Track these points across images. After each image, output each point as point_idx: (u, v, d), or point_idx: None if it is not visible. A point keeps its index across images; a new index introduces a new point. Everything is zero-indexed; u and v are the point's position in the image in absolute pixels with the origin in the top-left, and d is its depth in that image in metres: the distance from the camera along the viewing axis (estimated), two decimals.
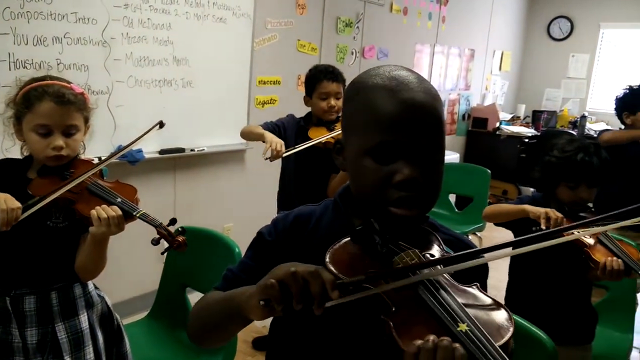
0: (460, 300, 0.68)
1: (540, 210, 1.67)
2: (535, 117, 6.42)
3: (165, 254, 1.47)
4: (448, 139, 5.73)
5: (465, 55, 5.73)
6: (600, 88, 6.41)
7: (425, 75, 4.69)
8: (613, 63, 6.34)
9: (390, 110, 0.77)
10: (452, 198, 4.25)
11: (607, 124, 5.93)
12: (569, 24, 6.48)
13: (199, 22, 2.86)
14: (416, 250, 0.76)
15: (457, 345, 0.59)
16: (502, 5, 6.16)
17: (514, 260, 1.91)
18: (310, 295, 0.67)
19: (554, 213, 1.64)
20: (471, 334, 0.62)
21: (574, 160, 1.73)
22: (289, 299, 0.67)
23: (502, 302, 0.73)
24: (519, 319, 1.28)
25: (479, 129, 5.98)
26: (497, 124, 5.94)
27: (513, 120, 6.31)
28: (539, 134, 5.91)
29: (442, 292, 0.69)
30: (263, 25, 3.30)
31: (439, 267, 0.72)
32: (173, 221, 1.33)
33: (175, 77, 2.82)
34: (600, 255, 1.62)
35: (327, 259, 0.75)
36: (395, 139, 0.77)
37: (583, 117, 6.05)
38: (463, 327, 0.62)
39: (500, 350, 0.60)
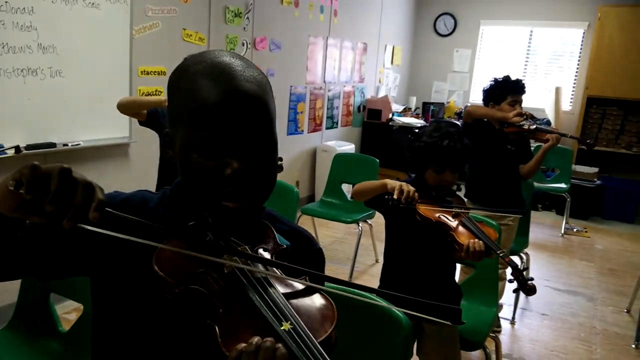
0: (287, 297, 0.68)
1: (397, 183, 1.74)
2: (425, 108, 6.79)
3: None
4: (345, 130, 5.90)
5: (358, 49, 5.88)
6: (481, 81, 6.89)
7: (319, 68, 4.71)
8: (492, 57, 6.86)
9: (213, 101, 0.72)
10: (345, 187, 4.36)
11: None
12: (452, 20, 6.89)
13: (67, 6, 2.64)
14: (246, 247, 0.74)
15: (279, 345, 0.59)
16: (392, 1, 6.41)
17: (388, 242, 2.00)
18: (69, 204, 0.59)
19: (407, 187, 1.71)
20: (294, 333, 0.62)
21: (440, 146, 1.83)
22: (44, 194, 0.58)
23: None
24: (375, 299, 1.34)
25: (374, 120, 6.20)
26: (390, 115, 6.20)
27: (405, 112, 6.62)
28: (427, 124, 6.24)
29: (269, 289, 0.68)
30: (143, 12, 3.13)
31: (266, 267, 0.72)
32: None
33: (41, 66, 2.59)
34: (463, 238, 1.72)
35: (154, 258, 0.72)
36: (219, 132, 0.73)
37: (467, 107, 6.49)
38: (286, 326, 0.63)
39: (319, 347, 0.61)
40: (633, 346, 2.96)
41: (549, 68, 6.55)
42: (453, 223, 1.79)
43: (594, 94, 5.74)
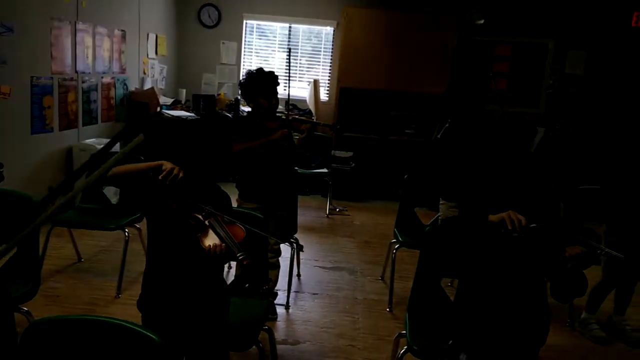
0: None
1: (171, 165, 1.76)
2: (196, 101, 6.64)
3: None
4: (107, 125, 5.36)
5: (115, 37, 5.39)
6: None
7: (68, 56, 4.12)
8: (257, 50, 7.07)
9: None
10: (111, 190, 3.99)
11: None
12: (217, 12, 6.85)
13: None
14: None
15: None
16: None
17: (151, 242, 1.89)
18: None
19: (177, 170, 1.74)
20: None
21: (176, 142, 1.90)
22: None
23: None
24: (118, 321, 1.20)
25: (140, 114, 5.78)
26: (158, 109, 5.87)
27: (175, 105, 6.35)
28: (198, 117, 6.12)
29: None
30: None
31: None
32: None
33: None
34: (207, 242, 1.66)
35: None
36: None
37: (237, 100, 6.57)
38: None
39: None
40: (388, 310, 3.39)
41: (308, 62, 7.05)
42: (202, 226, 1.73)
43: (346, 85, 6.39)
